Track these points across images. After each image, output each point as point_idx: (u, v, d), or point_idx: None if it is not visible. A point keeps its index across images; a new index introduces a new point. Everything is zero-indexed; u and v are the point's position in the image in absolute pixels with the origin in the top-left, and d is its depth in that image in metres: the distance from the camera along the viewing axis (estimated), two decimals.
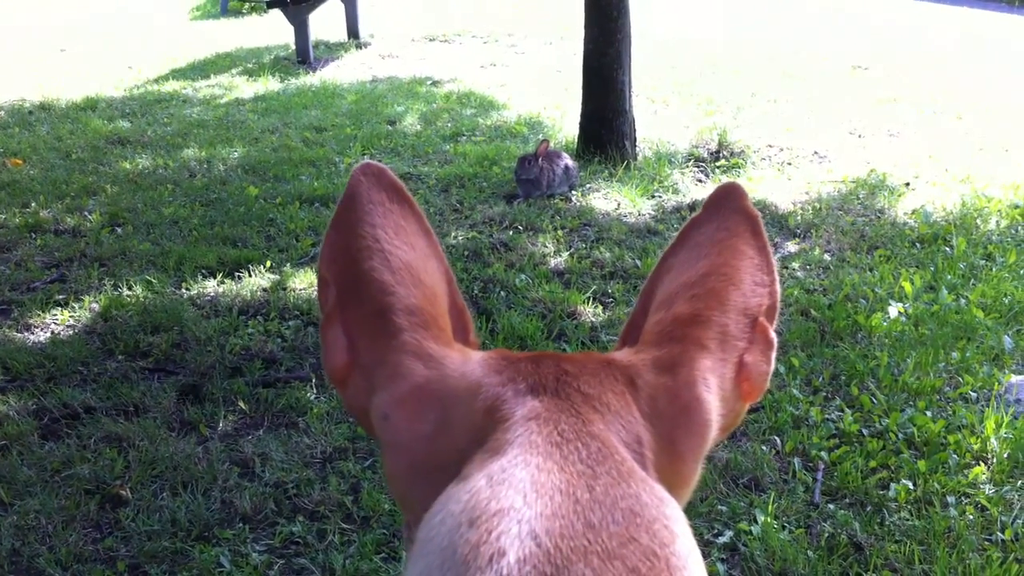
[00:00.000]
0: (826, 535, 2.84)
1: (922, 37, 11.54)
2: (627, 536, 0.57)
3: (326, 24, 11.43)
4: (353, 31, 11.38)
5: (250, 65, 10.10)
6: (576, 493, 0.59)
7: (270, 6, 10.58)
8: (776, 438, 3.34)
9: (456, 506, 0.59)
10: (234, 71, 9.86)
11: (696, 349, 0.74)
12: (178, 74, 9.74)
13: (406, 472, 0.70)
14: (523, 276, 4.58)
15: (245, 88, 9.01)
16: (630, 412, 0.69)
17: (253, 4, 13.87)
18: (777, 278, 0.80)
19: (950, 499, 3.01)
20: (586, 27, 6.34)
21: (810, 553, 2.75)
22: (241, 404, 3.51)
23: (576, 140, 6.56)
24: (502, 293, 4.40)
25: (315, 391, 3.61)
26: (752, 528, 2.85)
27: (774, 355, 0.77)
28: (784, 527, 2.88)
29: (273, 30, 11.71)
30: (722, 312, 0.76)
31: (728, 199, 0.85)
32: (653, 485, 0.63)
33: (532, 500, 0.58)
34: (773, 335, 0.78)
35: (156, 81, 9.40)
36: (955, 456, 3.20)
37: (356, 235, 0.76)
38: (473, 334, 0.81)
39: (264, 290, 4.45)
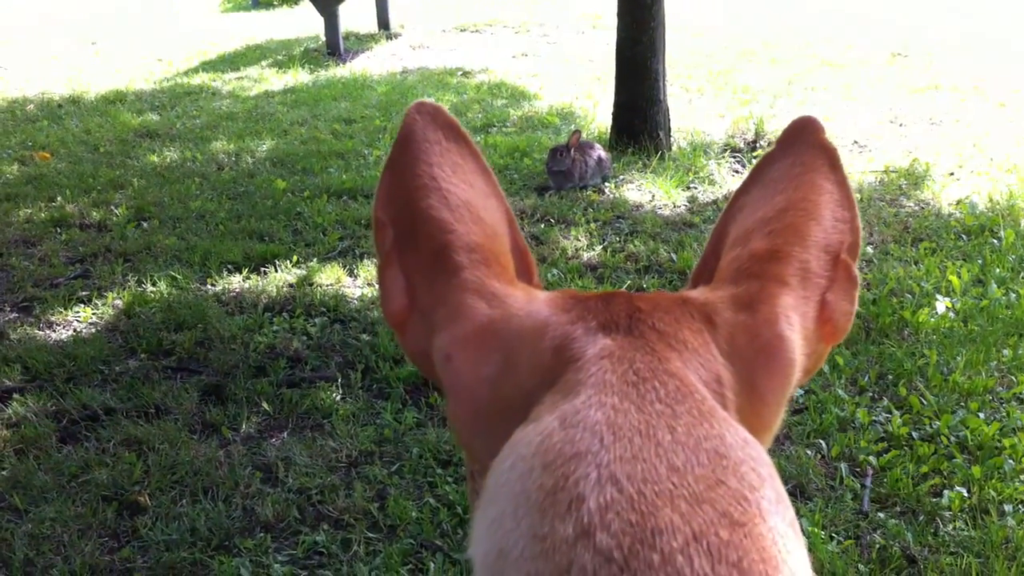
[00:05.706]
0: (877, 547, 2.69)
1: (962, 22, 11.27)
2: (714, 479, 0.53)
3: (357, 15, 11.34)
4: (384, 22, 11.29)
5: (280, 57, 10.03)
6: (657, 434, 0.56)
7: None
8: (821, 441, 3.19)
9: (527, 450, 0.57)
10: (264, 63, 9.79)
11: (776, 286, 0.71)
12: (208, 66, 9.68)
13: (470, 416, 0.66)
14: (555, 271, 4.45)
15: (275, 80, 8.94)
16: (708, 350, 0.66)
17: None
18: (858, 213, 0.76)
19: (1007, 507, 2.84)
20: (619, 15, 6.19)
21: (861, 567, 2.60)
22: (265, 405, 3.40)
23: (609, 130, 6.42)
24: None
25: (341, 391, 3.50)
26: None
27: (857, 293, 0.74)
28: (832, 537, 2.73)
29: (303, 22, 11.64)
30: (803, 248, 0.73)
31: (803, 133, 0.80)
32: (736, 426, 0.59)
33: (610, 442, 0.55)
34: (856, 272, 0.74)
35: (186, 73, 9.35)
36: (1011, 461, 3.03)
37: (413, 174, 0.73)
38: (537, 276, 0.78)
39: (290, 286, 4.34)
